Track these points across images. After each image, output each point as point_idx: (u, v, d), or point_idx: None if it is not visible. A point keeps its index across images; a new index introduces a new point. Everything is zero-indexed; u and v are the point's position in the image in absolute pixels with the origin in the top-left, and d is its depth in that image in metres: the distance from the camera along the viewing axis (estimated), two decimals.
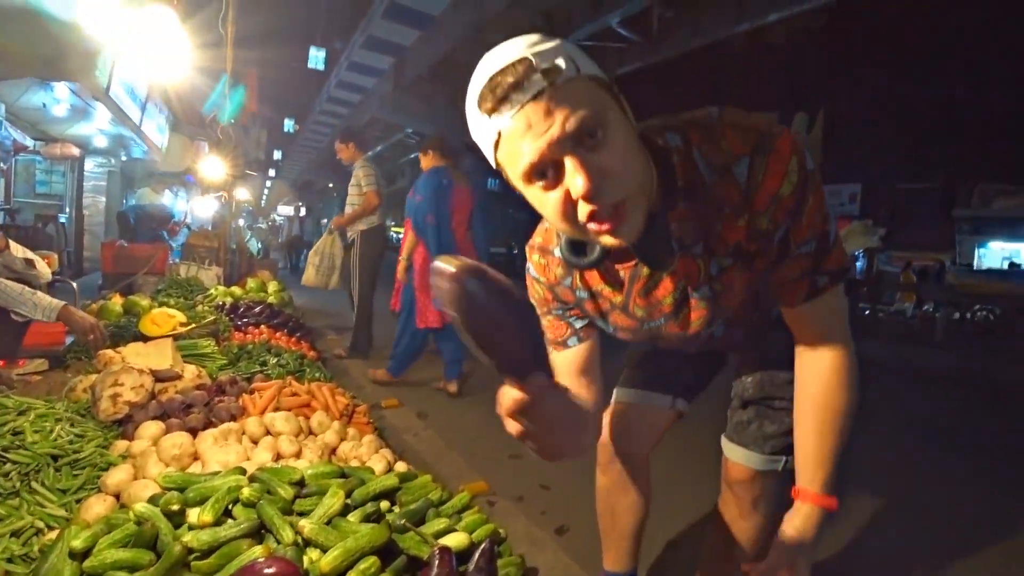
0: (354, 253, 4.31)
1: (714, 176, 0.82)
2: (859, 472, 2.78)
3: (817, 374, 0.94)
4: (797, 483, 0.99)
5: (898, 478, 2.80)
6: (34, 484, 1.39)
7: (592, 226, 0.74)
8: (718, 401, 1.46)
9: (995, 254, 13.71)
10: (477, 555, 1.08)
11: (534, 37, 0.74)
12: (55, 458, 1.48)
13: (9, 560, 1.21)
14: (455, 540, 1.19)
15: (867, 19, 10.64)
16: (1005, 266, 12.25)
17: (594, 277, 1.00)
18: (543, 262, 1.04)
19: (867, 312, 8.56)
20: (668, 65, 9.93)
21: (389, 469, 1.71)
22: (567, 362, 1.08)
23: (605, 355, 1.12)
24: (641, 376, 1.39)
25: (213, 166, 4.91)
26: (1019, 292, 7.08)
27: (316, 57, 13.06)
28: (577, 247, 0.88)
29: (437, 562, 1.04)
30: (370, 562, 1.06)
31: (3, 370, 2.48)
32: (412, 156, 20.34)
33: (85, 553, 1.08)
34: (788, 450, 1.19)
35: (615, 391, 1.42)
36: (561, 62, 0.70)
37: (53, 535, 1.23)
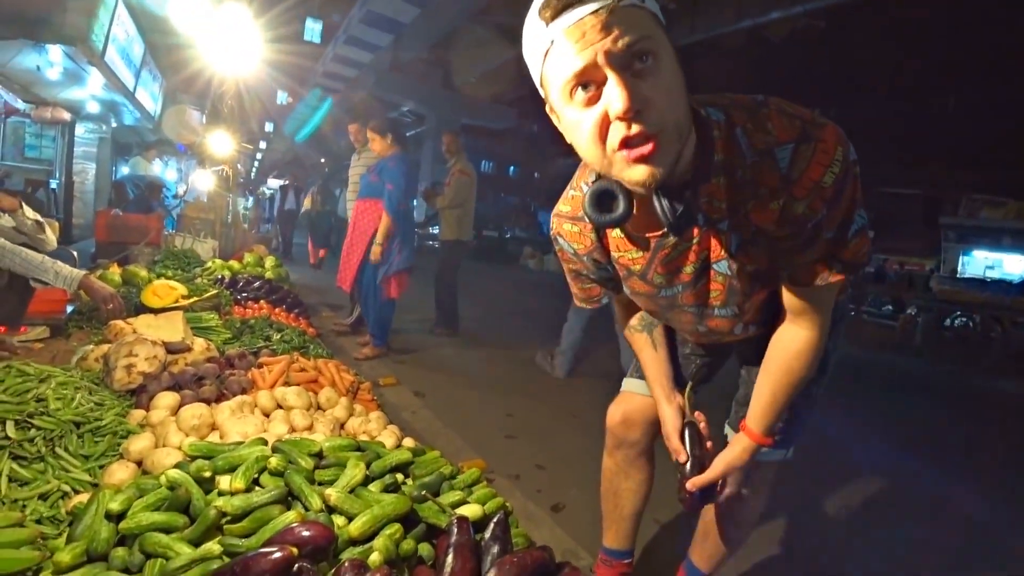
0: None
1: (754, 157, 0.84)
2: (836, 475, 2.89)
3: (794, 344, 1.04)
4: (746, 421, 1.13)
5: (879, 482, 2.88)
6: (58, 450, 1.44)
7: (622, 154, 0.75)
8: (718, 391, 1.55)
9: (978, 263, 14.00)
10: (493, 524, 1.16)
11: None
12: (77, 425, 1.52)
13: (38, 521, 1.27)
14: (470, 511, 1.27)
15: (865, 24, 10.70)
16: (984, 274, 12.61)
17: (616, 242, 1.02)
18: (575, 229, 1.06)
19: (852, 313, 8.75)
20: None
21: (398, 445, 1.78)
22: (618, 305, 1.26)
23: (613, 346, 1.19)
24: None
25: (221, 140, 4.86)
26: (995, 301, 7.26)
27: (312, 29, 12.80)
28: (602, 202, 0.88)
29: (456, 530, 1.12)
30: (395, 528, 1.13)
31: (5, 336, 2.50)
32: (408, 135, 20.15)
33: (120, 516, 1.14)
34: (788, 444, 1.28)
35: (624, 381, 1.49)
36: None
37: (80, 498, 1.29)
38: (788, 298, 1.01)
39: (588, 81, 0.73)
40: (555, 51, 0.74)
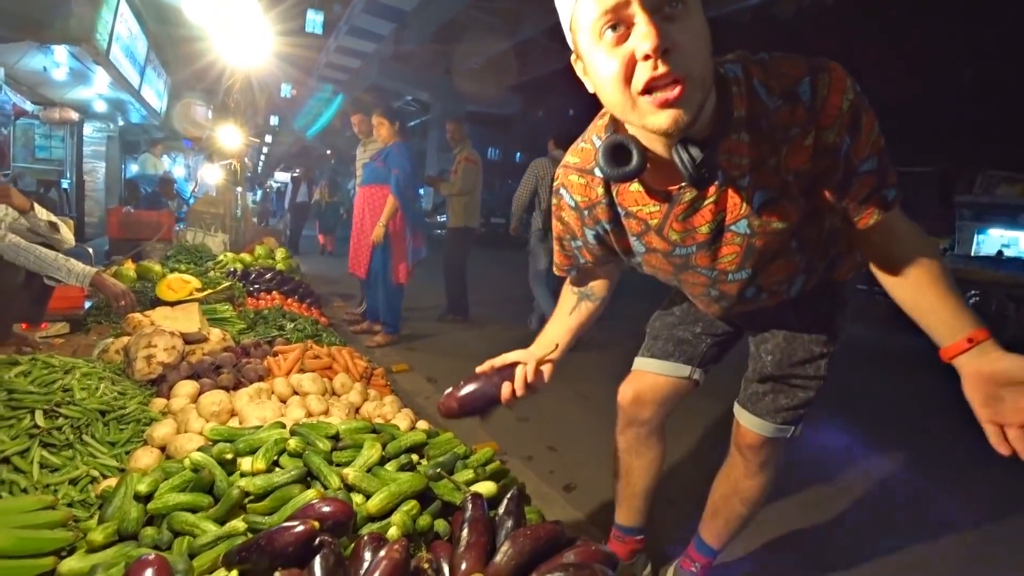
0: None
1: (777, 101, 0.86)
2: (853, 455, 2.90)
3: (922, 263, 0.95)
4: (960, 336, 0.90)
5: (889, 460, 2.89)
6: (85, 437, 1.49)
7: (647, 99, 0.76)
8: (727, 371, 1.56)
9: (993, 241, 13.76)
10: (507, 500, 1.19)
11: None
12: (103, 413, 1.57)
13: (69, 504, 1.32)
14: (484, 488, 1.30)
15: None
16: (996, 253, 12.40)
17: (634, 196, 1.02)
18: (582, 182, 1.07)
19: (863, 293, 8.63)
20: None
21: (412, 427, 1.81)
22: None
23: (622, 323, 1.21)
24: (661, 347, 1.47)
25: (230, 134, 4.90)
26: (1009, 280, 7.12)
27: (314, 20, 12.74)
28: (616, 156, 0.88)
29: (471, 506, 1.15)
30: (411, 505, 1.17)
31: (27, 332, 2.57)
32: (412, 124, 20.11)
33: (148, 497, 1.19)
34: (797, 421, 1.30)
35: (636, 360, 1.51)
36: None
37: (109, 483, 1.33)
38: (878, 249, 1.00)
39: (618, 20, 0.74)
40: None
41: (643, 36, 0.72)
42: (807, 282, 1.16)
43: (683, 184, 0.93)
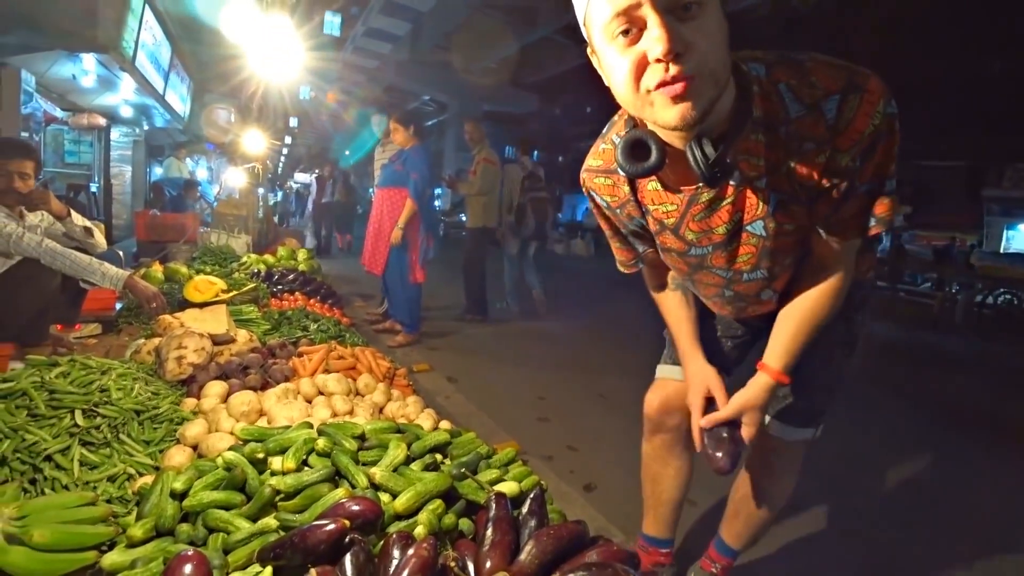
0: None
1: (801, 110, 0.84)
2: (875, 454, 2.85)
3: (819, 289, 1.03)
4: (764, 359, 1.10)
5: (913, 460, 2.84)
6: (122, 436, 1.54)
7: (657, 94, 0.75)
8: (749, 370, 1.56)
9: (1023, 237, 13.42)
10: (529, 500, 1.21)
11: None
12: (137, 412, 1.63)
13: (108, 501, 1.37)
14: (507, 488, 1.32)
15: None
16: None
17: (651, 195, 1.01)
18: (608, 183, 1.07)
19: (887, 292, 8.45)
20: None
21: (435, 427, 1.84)
22: (648, 268, 1.27)
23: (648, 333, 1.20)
24: None
25: (254, 139, 5.00)
26: None
27: (331, 22, 12.83)
28: (635, 152, 0.88)
29: (494, 505, 1.17)
30: (437, 504, 1.20)
31: (61, 333, 2.66)
32: (429, 124, 20.20)
33: (183, 495, 1.23)
34: (817, 423, 1.29)
35: (658, 368, 1.49)
36: None
37: (145, 480, 1.38)
38: (820, 248, 1.01)
39: (630, 21, 0.73)
40: None
41: (655, 40, 0.71)
42: None
43: (700, 184, 0.93)
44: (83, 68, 5.57)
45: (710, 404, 1.17)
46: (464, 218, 6.36)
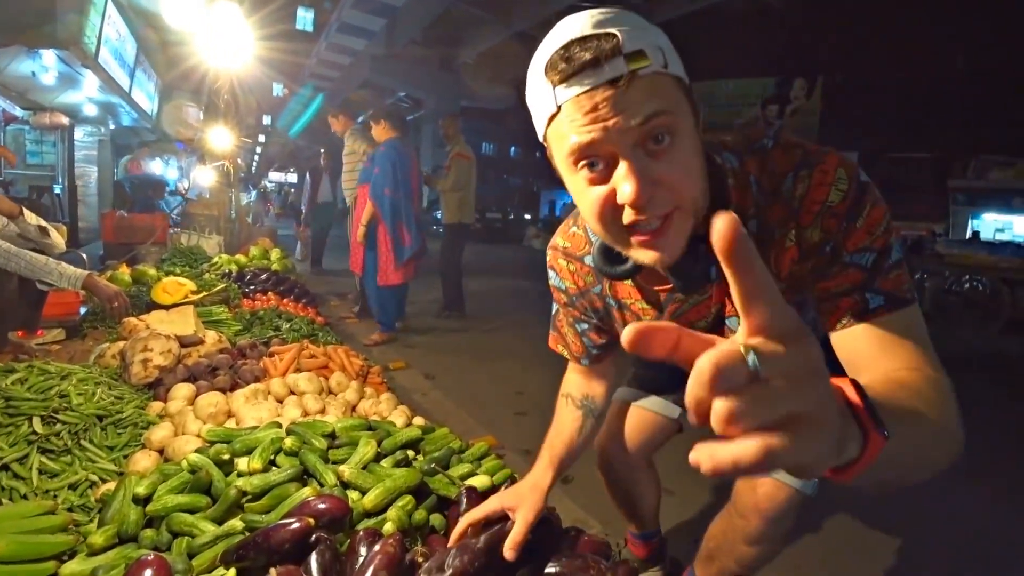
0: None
1: (768, 200, 0.79)
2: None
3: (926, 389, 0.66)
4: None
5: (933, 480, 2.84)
6: (83, 442, 1.50)
7: (632, 238, 0.70)
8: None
9: (988, 226, 13.77)
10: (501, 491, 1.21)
11: (630, 14, 0.67)
12: (100, 418, 1.58)
13: (69, 509, 1.33)
14: (479, 481, 1.32)
15: None
16: (993, 237, 12.43)
17: (627, 289, 0.95)
18: (571, 268, 1.02)
19: None
20: (667, 28, 9.80)
21: (408, 424, 1.83)
22: (582, 371, 1.17)
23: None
24: (651, 377, 1.37)
25: (221, 136, 4.90)
26: (1005, 264, 7.15)
27: (304, 18, 12.66)
28: (611, 254, 0.81)
29: (465, 499, 1.17)
30: (406, 500, 1.19)
31: (23, 340, 2.57)
32: (406, 120, 20.03)
33: (146, 499, 1.20)
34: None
35: (618, 390, 1.41)
36: (650, 51, 0.64)
37: (108, 487, 1.35)
38: (859, 364, 0.73)
39: (596, 157, 0.67)
40: (561, 118, 0.67)
41: (624, 187, 0.65)
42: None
43: (674, 286, 0.86)
44: (43, 65, 5.39)
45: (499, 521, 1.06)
46: (439, 215, 6.29)
